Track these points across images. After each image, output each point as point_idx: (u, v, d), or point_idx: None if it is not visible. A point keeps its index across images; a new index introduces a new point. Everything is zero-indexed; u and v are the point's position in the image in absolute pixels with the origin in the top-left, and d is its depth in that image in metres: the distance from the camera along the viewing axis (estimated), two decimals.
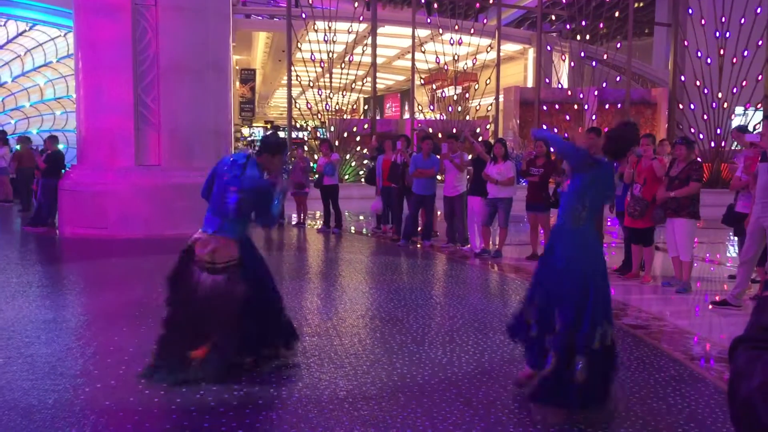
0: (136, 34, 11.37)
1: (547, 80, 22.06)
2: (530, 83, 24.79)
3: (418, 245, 10.85)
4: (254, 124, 38.13)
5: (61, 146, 14.06)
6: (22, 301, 6.77)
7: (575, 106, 21.06)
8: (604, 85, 21.25)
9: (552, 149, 8.02)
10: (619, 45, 22.12)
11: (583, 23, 21.30)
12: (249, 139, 34.46)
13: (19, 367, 4.87)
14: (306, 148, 18.22)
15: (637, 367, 5.04)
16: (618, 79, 21.81)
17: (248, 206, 4.58)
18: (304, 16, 19.31)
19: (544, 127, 21.30)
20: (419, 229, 11.20)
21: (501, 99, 22.32)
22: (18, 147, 16.24)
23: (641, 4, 24.57)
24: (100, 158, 11.49)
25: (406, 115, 28.85)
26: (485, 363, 5.11)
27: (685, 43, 20.72)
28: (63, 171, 12.77)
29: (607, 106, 21.35)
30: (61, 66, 21.50)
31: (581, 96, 20.99)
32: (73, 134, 16.57)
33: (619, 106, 21.48)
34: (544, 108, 21.68)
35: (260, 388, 4.49)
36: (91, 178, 11.43)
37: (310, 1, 19.28)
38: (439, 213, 11.80)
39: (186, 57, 11.62)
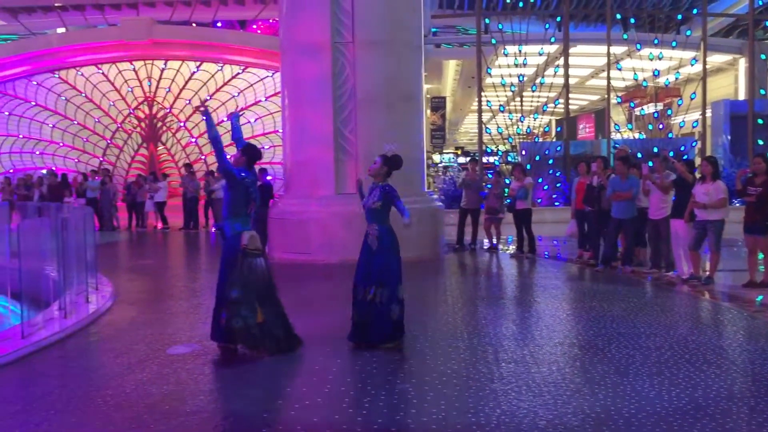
0: (336, 71, 12.04)
1: (763, 91, 20.16)
2: (742, 95, 22.81)
3: (619, 270, 10.33)
4: (445, 151, 38.75)
5: (268, 177, 15.20)
6: None
7: None
8: None
9: None
10: None
11: None
12: (440, 165, 35.05)
13: (238, 381, 5.29)
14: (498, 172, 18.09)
15: None
16: None
17: None
18: (494, 41, 19.35)
19: (760, 142, 19.46)
20: (619, 253, 10.66)
21: (708, 114, 20.74)
22: None
23: None
24: (305, 188, 12.23)
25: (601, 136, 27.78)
26: (699, 398, 4.71)
27: None
28: (271, 201, 13.75)
29: None
30: (269, 103, 23.34)
31: None
32: (280, 166, 17.84)
33: None
34: (760, 122, 19.82)
35: (458, 413, 4.49)
36: (296, 207, 12.20)
37: (500, 27, 19.29)
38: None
39: (381, 89, 12.09)
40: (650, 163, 10.24)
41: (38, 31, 26.39)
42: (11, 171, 22.24)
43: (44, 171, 21.85)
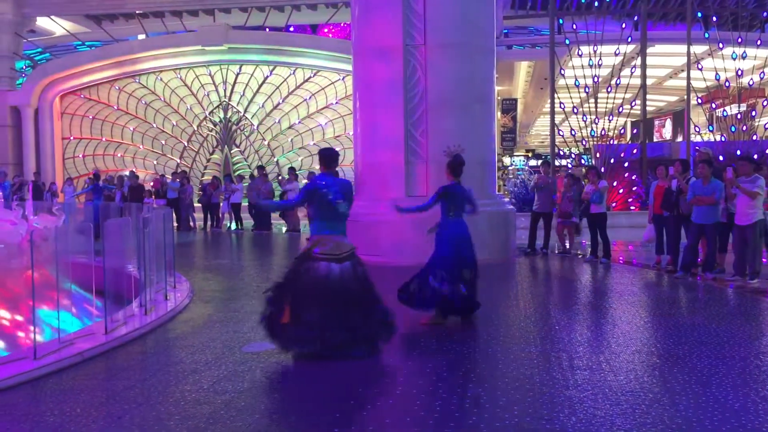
0: (407, 73, 12.05)
1: None
2: None
3: (699, 278, 9.97)
4: (515, 153, 38.28)
5: None
6: None
7: None
8: None
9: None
10: None
11: None
12: (510, 167, 34.63)
13: (311, 381, 5.34)
14: (571, 175, 17.75)
15: None
16: None
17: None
18: (568, 42, 18.99)
19: None
20: (699, 260, 10.29)
21: None
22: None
23: None
24: (375, 190, 12.29)
25: (679, 138, 26.95)
26: None
27: None
28: None
29: None
30: (339, 107, 23.60)
31: None
32: (350, 169, 17.97)
33: None
34: None
35: (532, 419, 4.41)
36: (366, 209, 12.24)
37: (574, 27, 18.92)
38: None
39: (452, 91, 12.04)
40: (733, 166, 9.85)
41: (120, 37, 27.42)
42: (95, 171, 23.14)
43: (127, 172, 22.71)
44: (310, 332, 5.81)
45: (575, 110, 19.41)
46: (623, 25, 19.25)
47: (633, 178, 18.64)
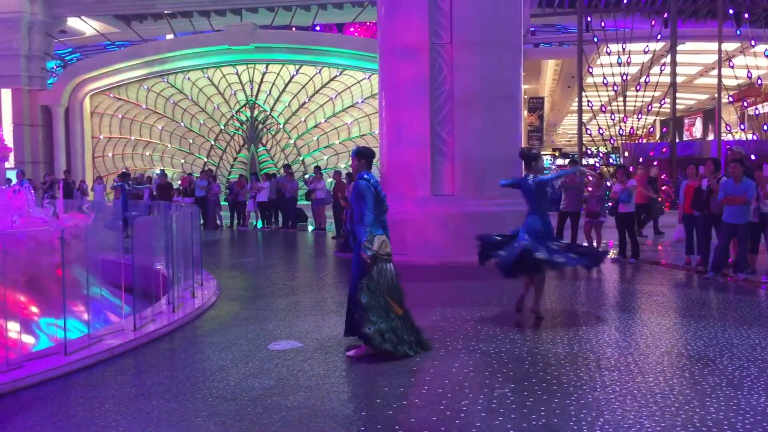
0: (433, 72, 12.02)
1: None
2: None
3: (729, 279, 9.80)
4: (542, 152, 38.03)
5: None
6: (336, 319, 7.44)
7: None
8: None
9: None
10: None
11: None
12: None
13: (336, 379, 5.36)
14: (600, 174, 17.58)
15: None
16: None
17: None
18: (596, 40, 18.80)
19: None
20: (730, 260, 10.12)
21: None
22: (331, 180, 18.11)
23: None
24: (401, 189, 12.27)
25: (710, 137, 26.56)
26: None
27: None
28: None
29: None
30: (365, 105, 23.59)
31: None
32: (374, 167, 18.00)
33: None
34: None
35: (559, 421, 4.38)
36: (392, 208, 12.11)
37: (603, 24, 18.73)
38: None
39: (478, 90, 11.97)
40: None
41: (149, 37, 27.71)
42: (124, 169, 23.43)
43: (157, 170, 22.94)
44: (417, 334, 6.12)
45: (603, 109, 19.23)
46: (653, 23, 19.04)
47: (662, 177, 18.41)
